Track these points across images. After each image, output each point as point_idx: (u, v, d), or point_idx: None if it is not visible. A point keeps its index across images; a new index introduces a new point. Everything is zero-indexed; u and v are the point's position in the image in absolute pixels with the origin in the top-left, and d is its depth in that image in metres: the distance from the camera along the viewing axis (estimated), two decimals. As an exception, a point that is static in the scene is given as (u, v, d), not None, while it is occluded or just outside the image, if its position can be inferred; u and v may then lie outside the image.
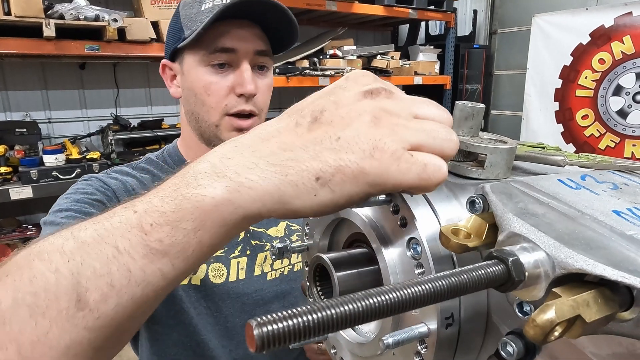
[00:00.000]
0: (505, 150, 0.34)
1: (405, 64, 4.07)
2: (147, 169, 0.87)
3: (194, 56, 0.81)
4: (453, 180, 0.35)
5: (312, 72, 3.57)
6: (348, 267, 0.37)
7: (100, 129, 3.60)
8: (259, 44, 0.82)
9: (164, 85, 3.21)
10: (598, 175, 0.33)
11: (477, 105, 0.36)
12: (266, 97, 0.86)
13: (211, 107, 0.81)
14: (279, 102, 4.48)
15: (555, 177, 0.32)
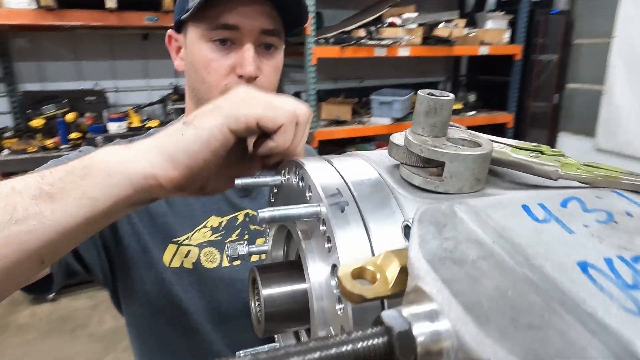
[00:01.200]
0: (470, 158, 0.26)
1: (471, 33, 3.76)
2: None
3: (196, 30, 0.76)
4: (403, 192, 0.28)
5: (368, 42, 3.41)
6: (281, 284, 0.31)
7: (161, 98, 3.74)
8: (266, 22, 0.75)
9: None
10: (592, 198, 0.24)
11: (441, 97, 0.28)
12: (271, 79, 0.79)
13: (211, 86, 0.76)
14: (333, 73, 4.38)
15: (519, 203, 0.23)
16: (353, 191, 0.28)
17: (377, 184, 0.29)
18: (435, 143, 0.27)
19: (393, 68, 4.58)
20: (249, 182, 0.35)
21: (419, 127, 0.29)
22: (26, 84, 3.52)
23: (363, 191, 0.28)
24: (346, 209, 0.27)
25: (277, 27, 0.76)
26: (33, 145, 2.91)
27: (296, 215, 0.28)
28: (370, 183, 0.29)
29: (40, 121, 3.03)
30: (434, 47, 3.66)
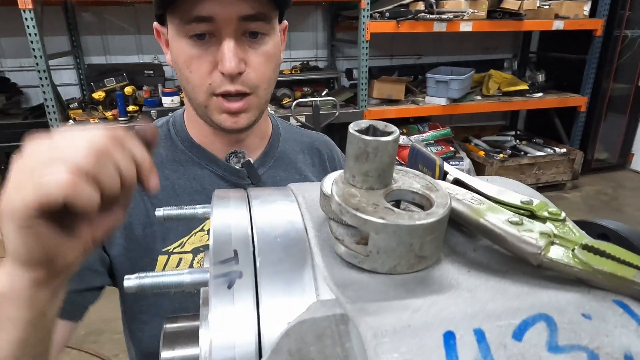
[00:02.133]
0: (404, 230, 0.18)
1: (544, 5, 3.40)
2: None
3: (172, 24, 0.67)
4: (321, 263, 0.20)
5: (427, 16, 3.19)
6: (182, 344, 0.26)
7: (214, 73, 3.78)
8: (245, 7, 0.64)
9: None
10: (574, 318, 0.16)
11: (377, 138, 0.20)
12: (262, 71, 0.69)
13: (196, 85, 0.68)
14: (390, 49, 4.18)
15: (442, 327, 0.15)
16: (257, 255, 0.21)
17: (295, 245, 0.22)
18: (363, 201, 0.20)
19: (453, 44, 4.28)
20: (173, 213, 0.29)
21: (349, 173, 0.21)
22: (92, 57, 3.70)
23: (271, 255, 0.21)
24: (236, 284, 0.20)
25: (260, 10, 0.66)
26: (94, 116, 3.06)
27: (175, 284, 0.21)
28: (286, 243, 0.22)
29: (101, 94, 3.18)
30: (500, 21, 3.35)
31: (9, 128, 3.24)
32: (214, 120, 0.71)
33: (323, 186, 0.22)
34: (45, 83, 2.79)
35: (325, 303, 0.17)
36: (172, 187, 0.76)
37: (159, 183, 0.75)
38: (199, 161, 0.78)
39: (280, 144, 0.86)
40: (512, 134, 4.29)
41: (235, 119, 0.70)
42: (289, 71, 3.84)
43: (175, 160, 0.78)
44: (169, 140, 0.80)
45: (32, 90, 3.71)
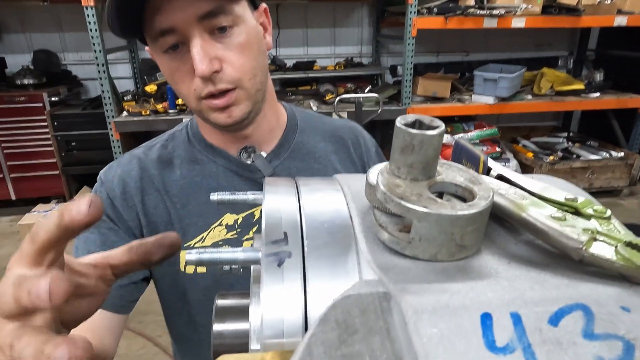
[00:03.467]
0: (445, 219, 0.19)
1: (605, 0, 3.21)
2: (165, 145, 0.84)
3: (150, 43, 0.69)
4: (364, 248, 0.21)
5: (477, 12, 3.10)
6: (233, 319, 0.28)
7: (260, 68, 3.86)
8: (200, 6, 0.63)
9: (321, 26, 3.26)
10: (612, 310, 0.16)
11: (422, 132, 0.21)
12: (240, 62, 0.68)
13: (185, 94, 0.71)
14: (437, 45, 4.09)
15: (480, 309, 0.16)
16: (305, 238, 0.23)
17: (340, 231, 0.24)
18: (407, 191, 0.21)
19: (504, 40, 4.13)
20: (226, 198, 0.31)
21: (394, 165, 0.22)
22: (145, 52, 3.87)
23: (318, 239, 0.23)
24: (286, 262, 0.22)
25: (217, 4, 0.64)
26: (146, 108, 3.21)
27: (229, 260, 0.23)
28: (332, 228, 0.24)
29: (153, 87, 3.32)
30: (556, 17, 3.19)
31: (70, 118, 3.46)
32: (211, 121, 0.73)
33: (369, 176, 0.24)
34: (103, 76, 2.95)
35: (369, 282, 0.19)
36: (189, 185, 0.79)
37: (179, 182, 0.79)
38: (213, 159, 0.81)
39: (297, 134, 0.86)
40: (564, 135, 4.09)
41: (227, 113, 0.70)
42: (333, 67, 3.85)
43: (192, 159, 0.81)
44: (187, 142, 0.84)
45: (90, 83, 3.94)
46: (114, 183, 0.79)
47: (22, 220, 3.33)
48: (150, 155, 0.82)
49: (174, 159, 0.81)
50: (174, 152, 0.82)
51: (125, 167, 0.81)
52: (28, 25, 3.68)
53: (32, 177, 3.59)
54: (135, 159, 0.82)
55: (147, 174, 0.80)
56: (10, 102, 3.39)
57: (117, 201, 0.78)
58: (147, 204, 0.78)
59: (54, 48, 3.74)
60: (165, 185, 0.79)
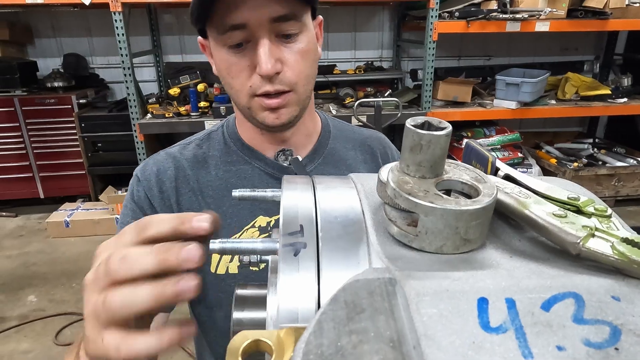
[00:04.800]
0: (450, 214, 0.20)
1: (635, 3, 3.14)
2: (200, 144, 0.86)
3: (211, 35, 0.71)
4: (374, 241, 0.23)
5: (499, 16, 3.07)
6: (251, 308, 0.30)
7: (281, 72, 3.90)
8: (275, 9, 0.66)
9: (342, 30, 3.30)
10: (603, 298, 0.17)
11: (430, 132, 0.22)
12: (299, 68, 0.71)
13: (238, 90, 0.72)
14: (459, 49, 4.06)
15: (477, 293, 0.17)
16: (319, 230, 0.25)
17: (352, 225, 0.25)
18: (415, 187, 0.22)
19: (527, 44, 4.07)
20: (247, 194, 0.33)
21: (404, 164, 0.23)
22: (169, 56, 3.97)
23: (331, 232, 0.25)
24: (301, 253, 0.23)
25: (290, 10, 0.68)
26: (169, 111, 3.29)
27: (249, 249, 0.25)
28: (345, 222, 0.25)
29: (176, 90, 3.40)
30: (582, 20, 3.13)
31: (96, 119, 3.57)
32: (257, 119, 0.75)
33: (380, 174, 0.25)
34: (129, 79, 3.04)
35: (377, 269, 0.20)
36: (224, 186, 0.81)
37: (214, 183, 0.80)
38: (249, 160, 0.82)
39: (330, 141, 0.88)
40: (590, 141, 4.00)
41: (276, 114, 0.73)
42: (353, 71, 3.87)
43: (228, 160, 0.83)
44: (223, 142, 0.85)
45: (116, 86, 4.06)
46: (151, 182, 0.81)
47: (49, 218, 3.45)
48: (186, 155, 0.84)
49: (209, 159, 0.83)
50: (209, 152, 0.84)
51: (161, 166, 0.82)
52: (58, 30, 3.82)
53: (60, 177, 3.72)
54: (170, 158, 0.83)
55: (183, 174, 0.81)
56: (41, 104, 3.52)
57: (155, 200, 0.80)
58: (182, 203, 0.80)
59: (83, 52, 3.87)
60: (200, 185, 0.81)
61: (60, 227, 3.42)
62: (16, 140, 3.56)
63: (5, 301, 2.70)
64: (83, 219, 3.43)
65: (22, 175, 3.66)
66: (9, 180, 3.66)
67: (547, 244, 0.23)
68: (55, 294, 2.77)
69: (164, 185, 0.81)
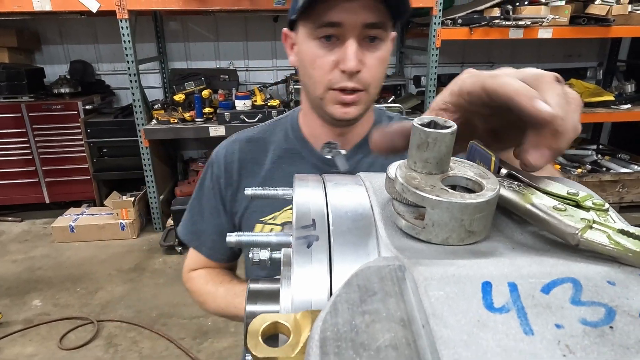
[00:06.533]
0: (456, 207, 0.22)
1: (637, 9, 3.15)
2: (266, 130, 0.96)
3: (304, 28, 0.79)
4: (383, 234, 0.24)
5: (502, 23, 3.09)
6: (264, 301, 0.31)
7: (285, 78, 3.93)
8: (369, 16, 0.75)
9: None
10: (599, 283, 0.18)
11: (436, 130, 0.23)
12: (375, 72, 0.79)
13: (317, 81, 0.80)
14: (462, 56, 4.09)
15: (482, 278, 0.18)
16: (331, 224, 0.26)
17: (362, 219, 0.26)
18: (422, 182, 0.23)
19: (530, 51, 4.09)
20: (259, 192, 0.35)
21: (411, 160, 0.25)
22: (174, 62, 4.01)
23: (342, 225, 0.26)
24: (314, 245, 0.25)
25: (380, 19, 0.76)
26: (174, 117, 3.32)
27: (264, 242, 0.27)
28: (355, 217, 0.27)
29: (181, 96, 3.43)
30: (585, 27, 3.15)
31: (102, 125, 3.61)
32: (327, 111, 0.82)
33: (388, 171, 0.27)
34: (134, 85, 3.08)
35: (387, 258, 0.21)
36: (277, 169, 0.91)
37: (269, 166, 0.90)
38: (300, 150, 0.91)
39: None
40: (594, 148, 4.00)
41: (346, 109, 0.80)
42: (357, 77, 3.90)
43: (284, 148, 0.92)
44: (284, 130, 0.94)
45: (122, 92, 4.10)
46: (221, 165, 0.93)
47: (54, 223, 3.47)
48: (252, 138, 0.94)
49: (269, 145, 0.93)
50: (271, 137, 0.94)
51: (229, 148, 0.94)
52: (66, 37, 3.87)
53: (65, 182, 3.75)
54: (237, 143, 0.95)
55: (245, 156, 0.92)
56: (48, 110, 3.56)
57: (222, 180, 0.93)
58: (240, 182, 0.92)
59: (89, 58, 3.91)
60: (258, 167, 0.91)
61: (65, 232, 3.44)
62: (22, 145, 3.60)
63: (11, 305, 2.71)
64: (88, 224, 3.45)
65: (28, 180, 3.69)
66: (14, 185, 3.70)
67: (547, 237, 0.24)
68: (60, 299, 2.78)
69: (229, 166, 0.92)
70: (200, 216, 0.97)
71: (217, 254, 0.98)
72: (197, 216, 0.97)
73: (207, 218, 0.96)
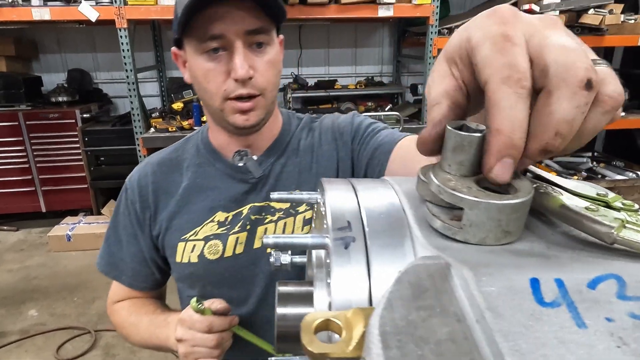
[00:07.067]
0: (494, 207, 0.22)
1: (630, 19, 3.21)
2: (178, 148, 0.96)
3: (190, 45, 0.80)
4: (419, 234, 0.25)
5: (497, 32, 3.13)
6: (295, 304, 0.31)
7: (282, 87, 3.96)
8: (250, 22, 0.76)
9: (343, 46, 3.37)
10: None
11: (470, 133, 0.24)
12: (268, 75, 0.81)
13: (213, 93, 0.80)
14: (457, 64, 4.13)
15: (528, 274, 0.19)
16: (365, 226, 0.27)
17: (395, 221, 0.27)
18: (458, 184, 0.24)
19: (526, 60, 4.14)
20: (285, 197, 0.35)
21: (445, 163, 0.25)
22: (173, 71, 4.02)
23: (377, 227, 0.26)
24: (351, 246, 0.25)
25: (262, 24, 0.78)
26: (173, 125, 3.32)
27: (301, 244, 0.27)
28: (388, 219, 0.27)
29: (179, 104, 3.44)
30: (579, 36, 3.19)
31: (100, 134, 3.61)
32: (229, 121, 0.82)
33: (420, 174, 0.27)
34: (133, 94, 3.08)
35: (430, 257, 0.22)
36: (193, 186, 0.90)
37: (184, 184, 0.91)
38: (213, 162, 0.91)
39: (291, 137, 0.94)
40: (589, 155, 4.04)
41: (246, 116, 0.81)
42: (354, 86, 3.92)
43: (197, 163, 0.92)
44: (196, 146, 0.95)
45: (119, 100, 4.10)
46: (134, 189, 0.92)
47: (51, 232, 3.45)
48: (163, 160, 0.94)
49: (182, 162, 0.93)
50: (183, 155, 0.94)
51: (142, 172, 0.94)
52: (64, 45, 3.88)
53: (62, 190, 3.73)
54: (150, 165, 0.94)
55: (158, 178, 0.92)
56: (45, 119, 3.55)
57: (137, 205, 0.92)
58: (157, 204, 0.91)
59: (87, 67, 3.92)
60: (172, 186, 0.91)
61: (62, 240, 3.42)
62: (19, 154, 3.58)
63: (7, 315, 2.68)
64: (85, 232, 3.43)
65: (25, 189, 3.67)
66: (11, 194, 3.67)
67: (579, 237, 0.25)
68: (57, 308, 2.76)
69: (143, 190, 0.91)
70: (117, 245, 0.96)
71: (139, 282, 0.97)
72: (114, 246, 0.96)
73: (125, 246, 0.95)
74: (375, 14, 3.11)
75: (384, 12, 3.12)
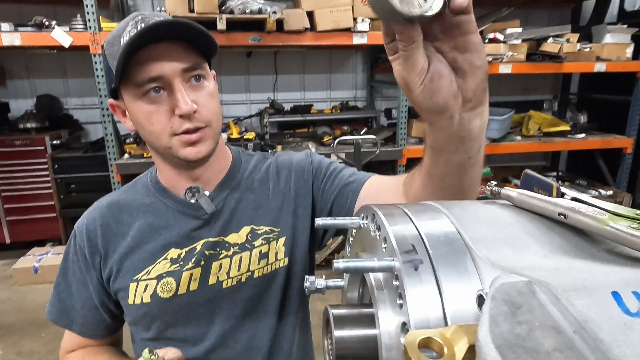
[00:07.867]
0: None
1: (585, 48, 3.44)
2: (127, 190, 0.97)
3: (128, 93, 0.81)
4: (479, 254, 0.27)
5: (465, 59, 3.28)
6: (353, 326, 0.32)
7: (259, 111, 3.98)
8: (185, 60, 0.79)
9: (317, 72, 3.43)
10: None
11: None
12: (210, 106, 0.83)
13: (159, 133, 0.81)
14: (428, 89, 4.29)
15: (609, 288, 0.21)
16: (428, 248, 0.28)
17: (453, 242, 0.29)
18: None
19: (492, 85, 4.36)
20: (329, 223, 0.37)
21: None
22: (147, 96, 3.98)
23: (439, 249, 0.28)
24: (420, 268, 0.27)
25: (196, 60, 0.81)
26: (147, 151, 3.26)
27: (369, 268, 0.28)
28: (447, 240, 0.29)
29: (155, 130, 3.39)
30: (540, 63, 3.41)
31: (71, 160, 3.50)
32: (179, 157, 0.83)
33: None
34: (107, 120, 3.03)
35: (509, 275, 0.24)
36: (144, 226, 0.90)
37: (135, 225, 0.91)
38: (164, 201, 0.92)
39: (241, 172, 0.96)
40: (554, 175, 4.24)
41: (197, 148, 0.82)
42: (329, 110, 4.00)
43: (147, 203, 0.92)
44: (145, 187, 0.95)
45: (91, 126, 4.01)
46: (82, 235, 0.91)
47: (16, 264, 3.28)
48: (112, 203, 0.94)
49: (131, 203, 0.93)
50: (132, 196, 0.94)
51: (90, 216, 0.93)
52: (33, 71, 3.78)
53: (29, 220, 3.57)
54: (98, 209, 0.94)
55: (107, 221, 0.91)
56: (12, 146, 3.42)
57: (86, 250, 0.90)
58: (107, 247, 0.90)
59: (57, 93, 3.83)
60: (123, 228, 0.90)
61: (28, 273, 3.25)
62: (-18, 183, 3.42)
63: (-31, 356, 2.51)
64: (53, 264, 3.28)
65: (-13, 220, 3.49)
66: (-28, 225, 3.48)
67: (624, 253, 0.28)
68: (24, 346, 2.60)
69: (92, 234, 0.90)
70: (67, 292, 0.94)
71: (91, 330, 0.94)
72: (64, 293, 0.94)
73: (75, 293, 0.93)
74: (350, 41, 3.21)
75: (359, 40, 3.23)
